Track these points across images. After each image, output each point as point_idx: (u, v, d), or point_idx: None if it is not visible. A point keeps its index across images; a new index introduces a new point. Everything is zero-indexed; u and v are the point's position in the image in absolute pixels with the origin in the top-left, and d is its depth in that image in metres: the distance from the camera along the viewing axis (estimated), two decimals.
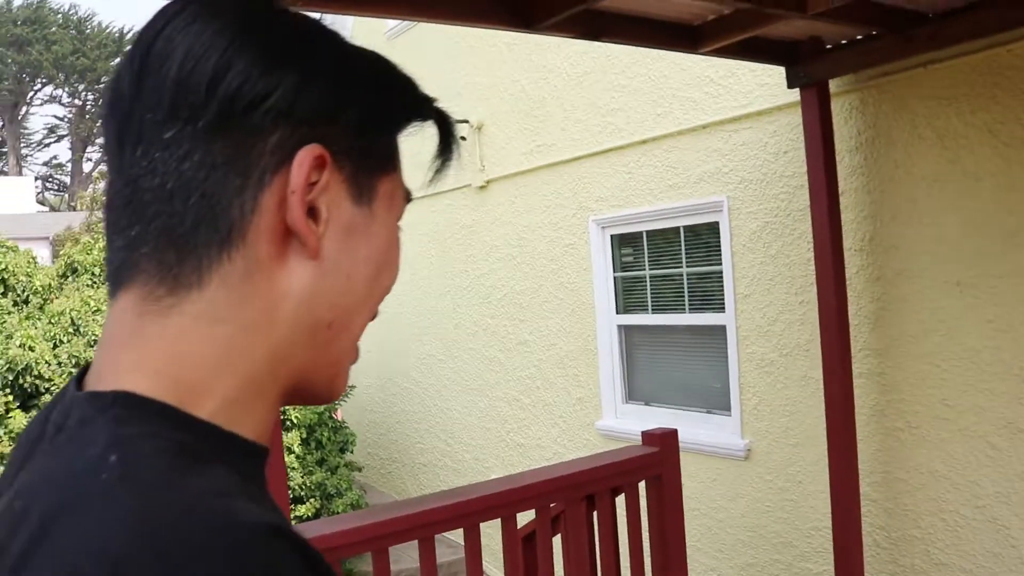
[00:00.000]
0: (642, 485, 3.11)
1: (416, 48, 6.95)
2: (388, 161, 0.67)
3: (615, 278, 5.34)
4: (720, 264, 4.59)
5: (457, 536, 4.93)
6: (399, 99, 0.68)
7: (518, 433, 6.22)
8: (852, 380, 3.77)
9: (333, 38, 0.65)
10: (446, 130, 0.71)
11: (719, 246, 4.58)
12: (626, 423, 5.15)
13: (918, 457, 3.75)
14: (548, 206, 5.74)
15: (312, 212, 0.60)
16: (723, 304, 4.59)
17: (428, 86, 0.70)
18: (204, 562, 0.46)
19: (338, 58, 0.64)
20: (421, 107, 0.69)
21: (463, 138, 6.33)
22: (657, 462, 3.02)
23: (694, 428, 4.80)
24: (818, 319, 3.75)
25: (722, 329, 4.62)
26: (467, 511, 2.60)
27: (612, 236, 5.32)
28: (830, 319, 3.70)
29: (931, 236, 3.65)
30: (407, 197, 0.71)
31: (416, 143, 0.73)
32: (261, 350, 0.60)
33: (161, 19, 0.60)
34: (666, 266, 5.02)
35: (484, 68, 6.22)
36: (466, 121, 6.32)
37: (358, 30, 7.68)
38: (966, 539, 3.61)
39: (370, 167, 0.65)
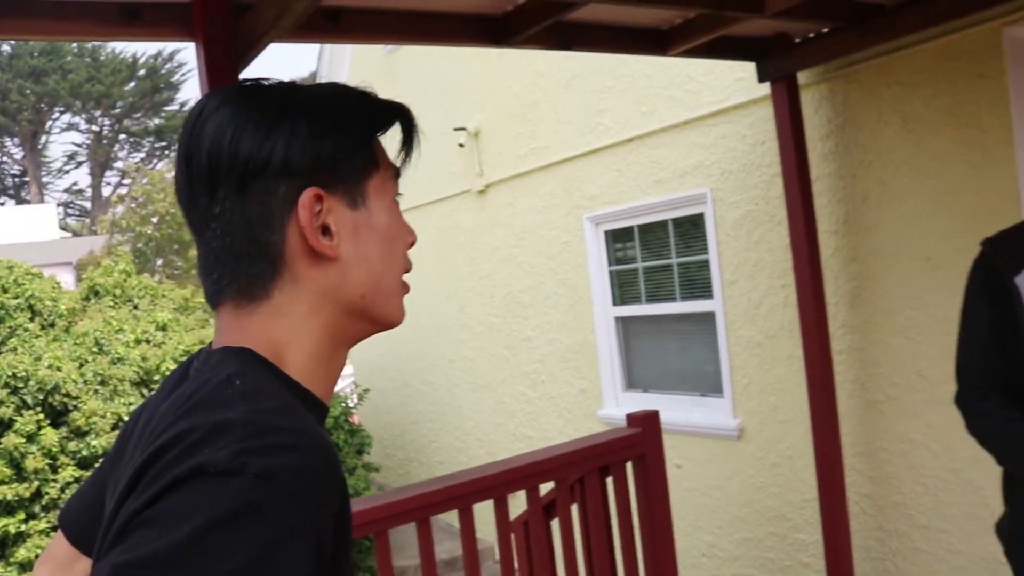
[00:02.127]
0: (629, 466, 3.30)
1: (413, 62, 7.18)
2: (369, 166, 0.91)
3: (610, 272, 5.55)
4: (707, 253, 4.80)
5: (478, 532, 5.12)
6: (356, 126, 0.90)
7: (526, 426, 6.44)
8: (831, 357, 3.96)
9: (300, 96, 0.88)
10: (406, 124, 0.94)
11: (705, 236, 4.79)
12: (626, 411, 5.32)
13: (897, 427, 3.93)
14: (544, 206, 5.95)
15: (325, 230, 0.86)
16: (711, 291, 4.79)
17: (426, 97, 0.96)
18: (282, 436, 0.73)
19: (306, 113, 0.86)
20: (376, 121, 0.92)
21: (461, 145, 6.56)
22: (640, 442, 3.22)
23: (690, 411, 5.00)
24: (797, 300, 3.94)
25: (711, 315, 4.82)
26: (459, 493, 2.80)
27: (606, 232, 5.53)
28: (807, 300, 3.89)
29: (901, 216, 3.84)
30: (396, 174, 0.95)
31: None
32: (319, 331, 0.88)
33: (190, 122, 0.87)
34: (657, 258, 5.22)
35: (479, 77, 6.44)
36: (463, 128, 6.54)
37: (360, 49, 7.95)
38: (945, 502, 3.79)
39: (356, 179, 0.89)
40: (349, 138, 0.89)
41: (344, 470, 6.24)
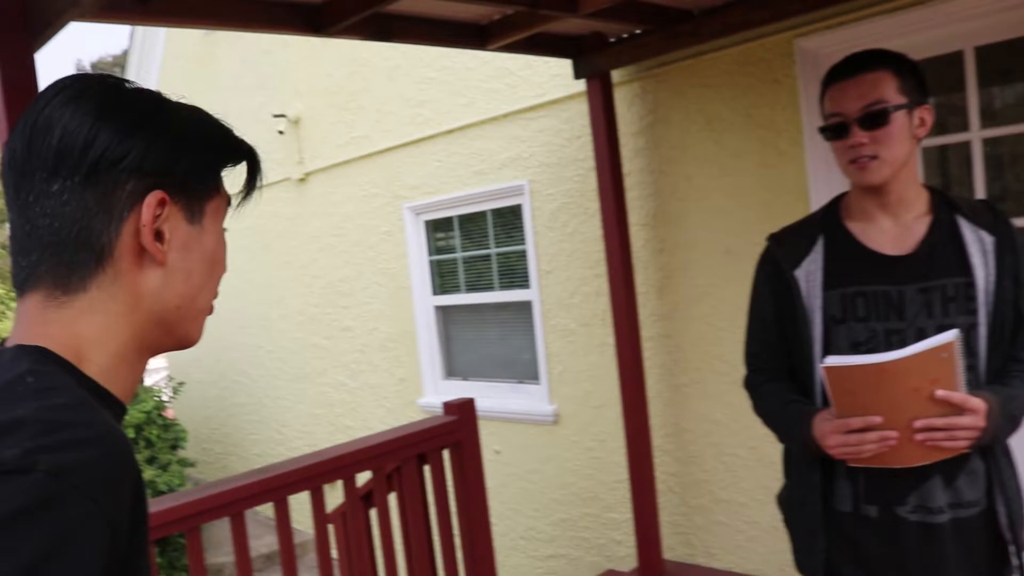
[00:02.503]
0: (446, 454, 3.36)
1: (232, 45, 6.95)
2: (212, 189, 0.96)
3: (430, 261, 5.59)
4: (524, 244, 4.92)
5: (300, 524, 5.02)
6: (216, 151, 0.95)
7: (347, 416, 6.39)
8: (641, 344, 4.16)
9: (170, 108, 0.92)
10: (252, 166, 1.00)
11: (522, 227, 4.91)
12: (446, 399, 5.40)
13: (702, 408, 4.19)
14: (365, 195, 5.92)
15: (158, 235, 0.89)
16: (528, 281, 4.93)
17: (245, 82, 0.98)
18: (73, 432, 0.74)
19: (173, 125, 0.90)
20: (232, 154, 0.98)
21: (281, 132, 6.42)
22: (456, 429, 3.28)
23: (507, 398, 5.12)
24: (609, 290, 4.12)
25: (528, 304, 4.96)
26: (274, 485, 2.76)
27: (426, 222, 5.57)
28: (619, 289, 4.07)
29: (704, 209, 4.08)
30: (228, 204, 1.00)
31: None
32: (127, 332, 0.89)
33: (43, 100, 0.87)
34: (476, 248, 5.31)
35: (300, 63, 6.31)
36: (283, 115, 6.39)
37: (174, 31, 7.61)
38: (743, 477, 4.07)
39: (199, 197, 0.93)
40: (203, 160, 0.94)
41: (158, 466, 5.97)
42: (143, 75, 8.32)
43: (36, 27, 2.43)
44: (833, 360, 1.74)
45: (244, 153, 0.99)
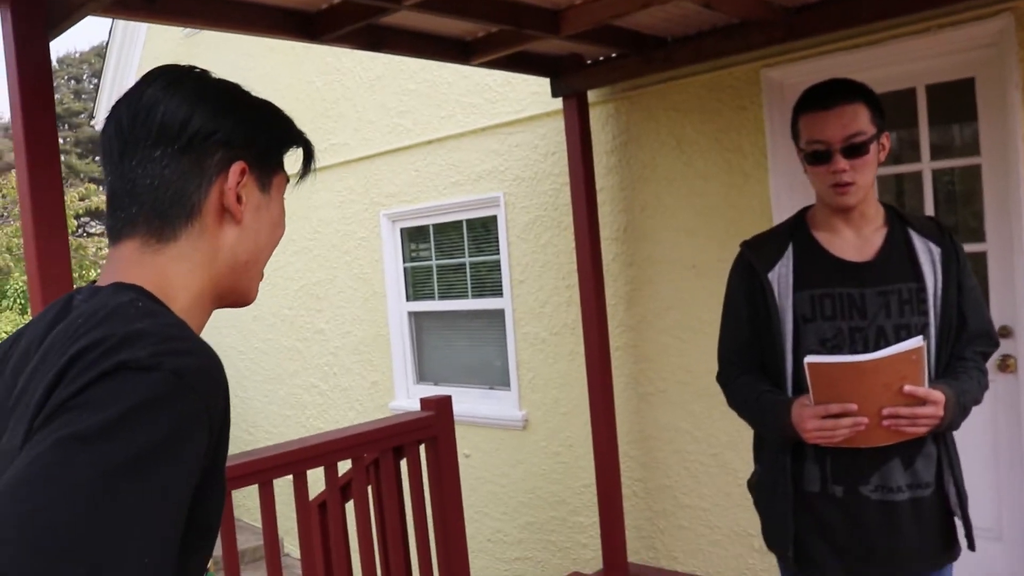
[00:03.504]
0: (423, 448, 3.50)
1: (213, 48, 7.03)
2: (278, 165, 1.14)
3: (405, 268, 5.73)
4: (498, 254, 5.08)
5: (257, 520, 5.07)
6: (284, 135, 1.14)
7: (318, 418, 6.50)
8: (610, 353, 4.33)
9: (248, 97, 1.11)
10: (308, 153, 1.19)
11: (497, 237, 5.07)
12: (417, 403, 5.52)
13: (666, 416, 4.36)
14: (342, 201, 6.04)
15: (238, 198, 1.06)
16: (501, 290, 5.08)
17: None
18: (187, 343, 0.89)
19: (253, 110, 1.10)
20: (296, 139, 1.17)
21: None
22: (433, 424, 3.42)
23: (478, 403, 5.27)
24: (580, 300, 4.29)
25: (501, 312, 5.12)
26: (259, 468, 2.88)
27: (402, 229, 5.71)
28: (589, 300, 4.24)
29: (672, 226, 4.26)
30: (287, 180, 1.18)
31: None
32: (206, 278, 1.06)
33: (145, 83, 1.05)
34: (451, 256, 5.46)
35: (281, 69, 6.42)
36: None
37: (155, 28, 7.69)
38: (704, 483, 4.25)
39: (269, 170, 1.12)
40: (275, 139, 1.13)
41: None
42: (122, 72, 8.38)
43: (55, 18, 2.56)
44: (816, 358, 1.93)
45: (303, 140, 1.18)
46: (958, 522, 2.13)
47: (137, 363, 0.83)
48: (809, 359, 1.92)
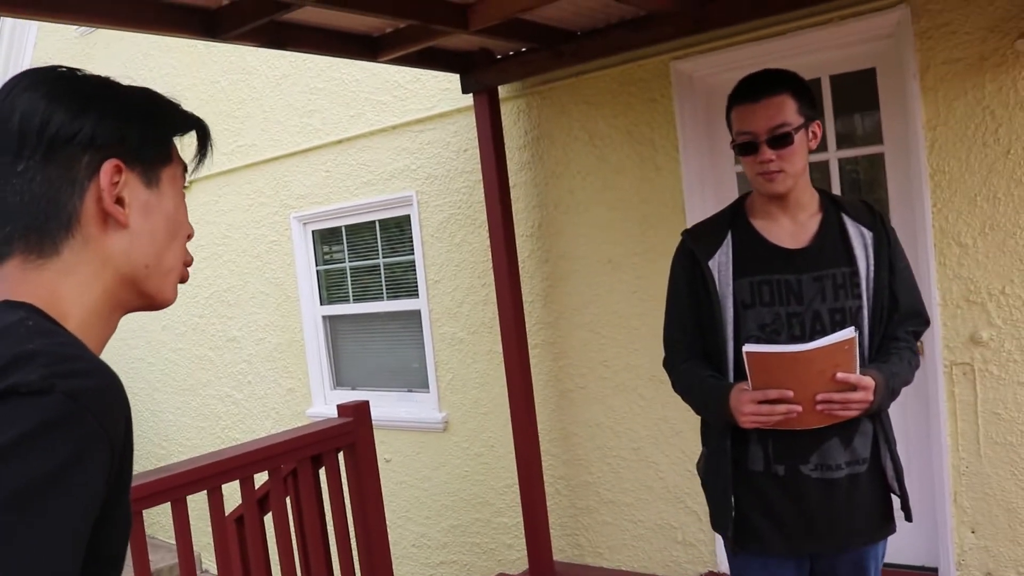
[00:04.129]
0: (342, 456, 3.41)
1: (110, 47, 6.78)
2: (166, 156, 1.05)
3: (318, 271, 5.61)
4: (412, 254, 5.00)
5: (172, 536, 4.93)
6: (164, 123, 1.05)
7: (233, 429, 6.32)
8: (528, 351, 4.30)
9: (117, 89, 1.02)
10: (202, 135, 1.10)
11: (411, 237, 4.99)
12: (335, 409, 5.40)
13: (587, 412, 4.35)
14: (251, 204, 5.88)
15: (119, 200, 0.98)
16: (417, 290, 5.01)
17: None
18: (82, 363, 0.84)
19: (119, 102, 1.00)
20: (182, 124, 1.08)
21: None
22: (351, 430, 3.33)
23: (397, 406, 5.19)
24: (496, 299, 4.24)
25: (417, 313, 5.04)
26: (171, 485, 2.77)
27: (313, 231, 5.58)
28: (505, 298, 4.19)
29: (587, 222, 4.24)
30: (185, 169, 1.10)
31: None
32: (100, 290, 0.99)
33: (3, 93, 0.97)
34: (365, 257, 5.36)
35: (183, 69, 6.22)
36: None
37: (46, 27, 7.38)
38: (626, 478, 4.25)
39: (153, 164, 1.03)
40: (152, 130, 1.03)
41: None
42: (10, 75, 8.02)
43: None
44: (753, 347, 1.99)
45: (192, 124, 1.09)
46: (895, 498, 2.21)
47: (28, 386, 0.78)
48: (747, 348, 1.99)
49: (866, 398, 2.00)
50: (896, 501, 2.21)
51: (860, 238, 2.17)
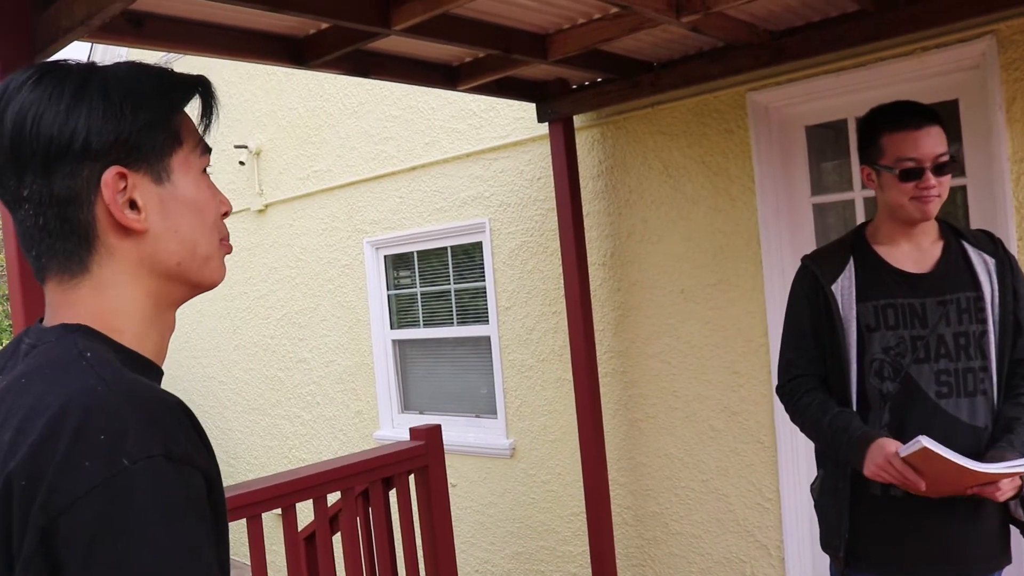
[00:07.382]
0: (412, 478, 3.44)
1: (195, 71, 6.99)
2: (172, 142, 0.96)
3: (389, 296, 5.68)
4: (484, 280, 5.04)
5: (240, 555, 4.99)
6: (154, 107, 0.94)
7: (300, 449, 6.40)
8: (598, 379, 4.29)
9: (100, 79, 0.92)
10: (204, 95, 1.01)
11: (483, 264, 5.03)
12: (402, 432, 5.46)
13: (655, 443, 4.32)
14: (325, 229, 5.99)
15: (133, 204, 0.93)
16: (487, 316, 5.04)
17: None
18: (145, 405, 0.84)
19: (104, 95, 0.91)
20: (179, 96, 0.98)
21: (241, 163, 6.47)
22: (423, 454, 3.36)
23: (464, 432, 5.21)
24: (568, 327, 4.25)
25: (487, 339, 5.07)
26: (246, 502, 2.82)
27: (386, 256, 5.66)
28: (577, 326, 4.20)
29: (659, 251, 4.24)
30: (205, 148, 1.01)
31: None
32: (142, 297, 0.95)
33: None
34: (435, 283, 5.42)
35: (263, 96, 6.39)
36: (245, 147, 6.45)
37: (131, 53, 7.62)
38: (695, 510, 4.20)
39: (158, 156, 0.95)
40: (147, 116, 0.94)
41: None
42: None
43: (41, 42, 2.52)
44: (931, 445, 1.91)
45: (188, 88, 0.99)
46: (1013, 530, 2.19)
47: (134, 456, 0.79)
48: (925, 442, 1.91)
49: (1015, 483, 2.02)
50: (1015, 532, 2.19)
51: (983, 264, 2.20)
